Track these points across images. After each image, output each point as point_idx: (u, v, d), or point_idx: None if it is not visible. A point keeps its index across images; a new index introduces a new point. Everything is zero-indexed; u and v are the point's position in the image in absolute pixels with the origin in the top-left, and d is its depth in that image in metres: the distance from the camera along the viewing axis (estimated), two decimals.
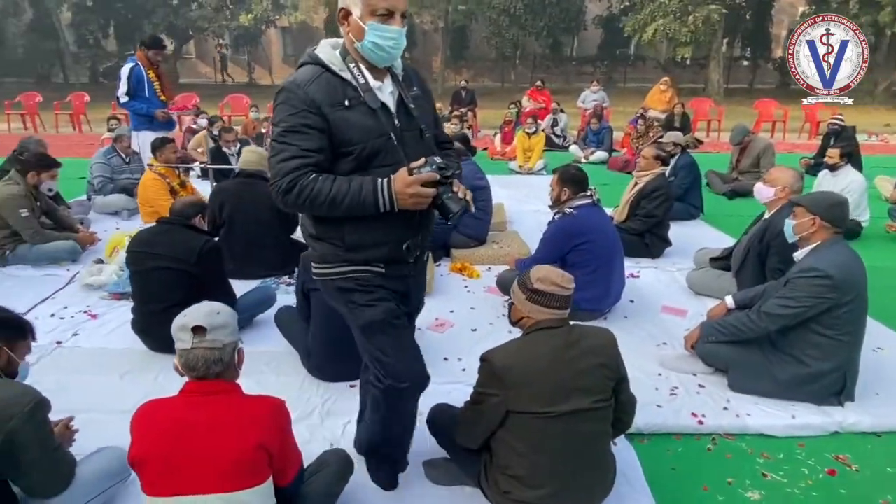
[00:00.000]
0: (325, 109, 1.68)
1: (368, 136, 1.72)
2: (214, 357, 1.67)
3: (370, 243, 1.79)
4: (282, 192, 1.70)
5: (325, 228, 1.82)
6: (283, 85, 1.73)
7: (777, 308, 2.70)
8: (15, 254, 4.40)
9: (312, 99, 1.68)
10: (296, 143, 1.68)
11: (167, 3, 23.21)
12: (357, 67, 1.74)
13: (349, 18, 1.72)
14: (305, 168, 1.68)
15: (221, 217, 4.21)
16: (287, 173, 1.68)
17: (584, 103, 11.95)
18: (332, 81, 1.72)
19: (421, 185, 1.67)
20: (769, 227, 3.42)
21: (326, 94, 1.69)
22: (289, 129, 1.69)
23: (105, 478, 2.04)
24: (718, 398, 2.82)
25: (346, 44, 1.77)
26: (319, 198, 1.68)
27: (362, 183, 1.69)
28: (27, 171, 4.47)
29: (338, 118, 1.70)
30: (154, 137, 5.54)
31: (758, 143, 7.19)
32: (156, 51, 5.71)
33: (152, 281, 3.09)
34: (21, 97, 13.09)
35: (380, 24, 1.68)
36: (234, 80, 26.22)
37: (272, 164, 1.73)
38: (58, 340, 3.36)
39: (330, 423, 2.63)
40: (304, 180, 1.67)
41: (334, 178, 1.70)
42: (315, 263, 1.90)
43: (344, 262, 1.82)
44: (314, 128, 1.69)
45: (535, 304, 1.97)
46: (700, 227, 5.79)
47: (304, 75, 1.73)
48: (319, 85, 1.70)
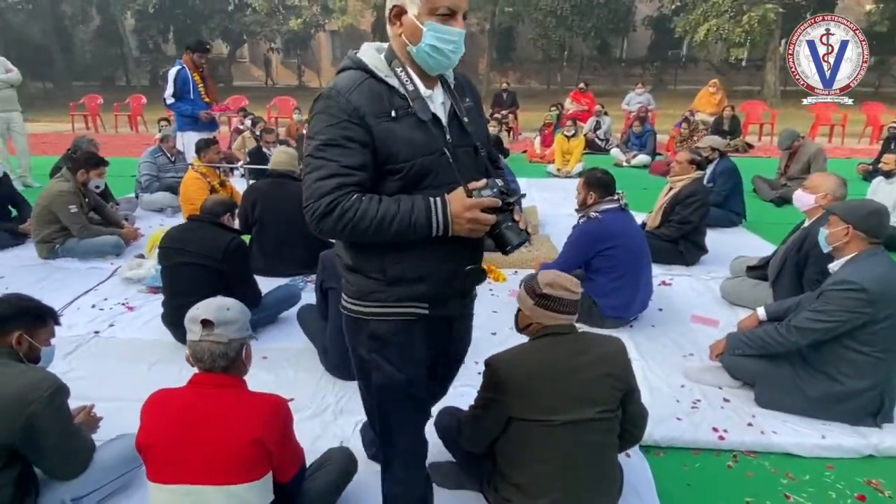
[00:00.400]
0: (369, 120, 1.46)
1: (418, 153, 1.49)
2: (220, 351, 1.71)
3: (414, 277, 1.55)
4: (319, 217, 1.45)
5: (364, 258, 1.57)
6: (322, 92, 1.50)
7: (808, 322, 2.56)
8: (64, 247, 4.64)
9: (355, 108, 1.45)
10: (335, 158, 1.45)
11: (223, 9, 24.07)
12: (405, 73, 1.53)
13: (402, 17, 1.50)
14: (347, 188, 1.45)
15: (253, 216, 4.32)
16: (326, 194, 1.44)
17: (628, 105, 11.70)
18: (376, 88, 1.50)
19: (481, 210, 1.46)
20: (808, 235, 3.26)
21: (371, 103, 1.47)
22: (328, 142, 1.46)
23: (122, 463, 2.13)
24: (743, 413, 2.70)
25: (394, 46, 1.55)
26: (363, 222, 1.44)
27: (413, 203, 1.46)
28: (77, 168, 4.71)
29: (383, 130, 1.47)
30: (197, 138, 5.75)
31: (808, 147, 6.86)
32: (200, 53, 5.92)
33: (181, 276, 3.20)
34: (84, 99, 13.83)
35: (440, 24, 1.46)
36: (274, 83, 26.97)
37: (307, 183, 1.48)
38: (96, 330, 3.53)
39: (342, 420, 2.66)
40: (346, 202, 1.43)
41: (379, 198, 1.47)
42: (348, 299, 1.65)
43: (383, 300, 1.58)
44: (356, 141, 1.45)
45: (544, 309, 1.93)
46: (741, 234, 5.57)
47: (345, 81, 1.50)
48: (362, 92, 1.48)
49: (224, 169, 5.83)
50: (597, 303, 3.44)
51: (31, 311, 1.97)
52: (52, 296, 3.98)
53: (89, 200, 4.87)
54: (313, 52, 27.67)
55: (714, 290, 4.12)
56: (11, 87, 6.88)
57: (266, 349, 3.24)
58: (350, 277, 1.63)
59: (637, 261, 3.47)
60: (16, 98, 7.01)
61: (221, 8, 24.07)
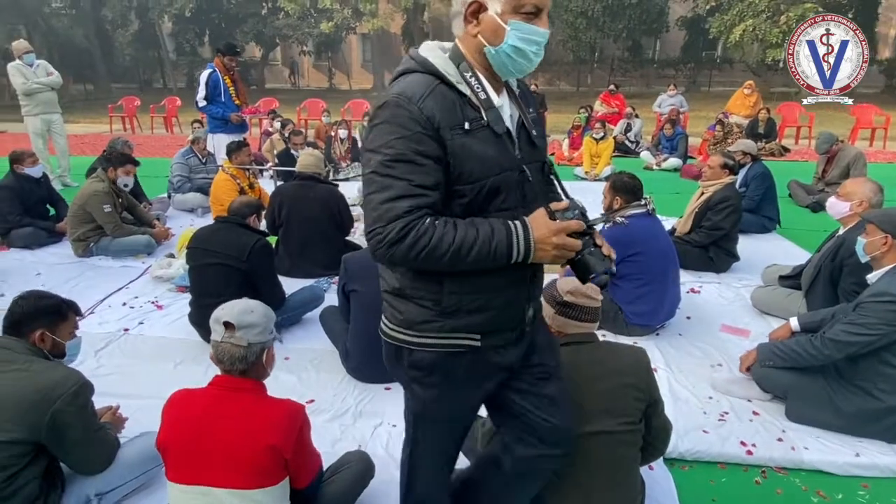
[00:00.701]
0: (443, 133, 1.29)
1: (490, 171, 1.33)
2: (239, 354, 1.73)
3: (472, 307, 1.40)
4: (388, 244, 1.27)
5: (419, 284, 1.40)
6: (388, 99, 1.31)
7: (844, 335, 2.46)
8: (98, 245, 4.77)
9: (428, 118, 1.28)
10: (406, 176, 1.27)
11: (256, 12, 24.52)
12: (475, 78, 1.36)
13: (481, 15, 1.34)
14: (419, 210, 1.27)
15: (280, 217, 4.37)
16: (396, 217, 1.26)
17: (660, 107, 11.50)
18: (449, 96, 1.33)
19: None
20: (843, 244, 3.14)
21: (445, 113, 1.30)
22: (397, 157, 1.27)
23: (145, 460, 2.17)
24: (773, 427, 2.61)
25: (464, 47, 1.39)
26: (439, 250, 1.27)
27: (493, 228, 1.30)
28: (107, 167, 4.85)
29: (457, 145, 1.30)
30: (228, 140, 5.84)
31: (847, 151, 6.63)
32: (230, 57, 6.02)
33: (207, 276, 3.24)
34: (122, 101, 14.23)
35: (525, 22, 1.32)
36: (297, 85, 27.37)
37: (371, 205, 1.30)
38: (125, 328, 3.61)
39: (361, 423, 2.66)
40: (420, 227, 1.26)
41: (454, 222, 1.30)
42: (393, 326, 1.48)
43: (433, 331, 1.42)
44: (430, 156, 1.28)
45: (566, 317, 1.90)
46: (775, 241, 5.40)
47: (415, 87, 1.31)
48: (436, 100, 1.30)
49: (253, 171, 5.91)
50: (622, 310, 3.38)
51: (51, 309, 2.00)
52: (86, 293, 4.11)
53: (123, 200, 4.99)
54: (343, 55, 27.98)
55: (745, 299, 4.00)
56: (52, 90, 7.11)
57: (289, 350, 3.27)
58: (397, 304, 1.46)
59: (664, 267, 3.40)
60: (56, 100, 7.24)
61: (255, 12, 24.52)
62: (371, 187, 1.31)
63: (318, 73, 28.91)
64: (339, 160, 8.15)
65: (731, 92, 12.46)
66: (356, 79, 28.47)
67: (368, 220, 1.32)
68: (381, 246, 1.29)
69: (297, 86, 27.68)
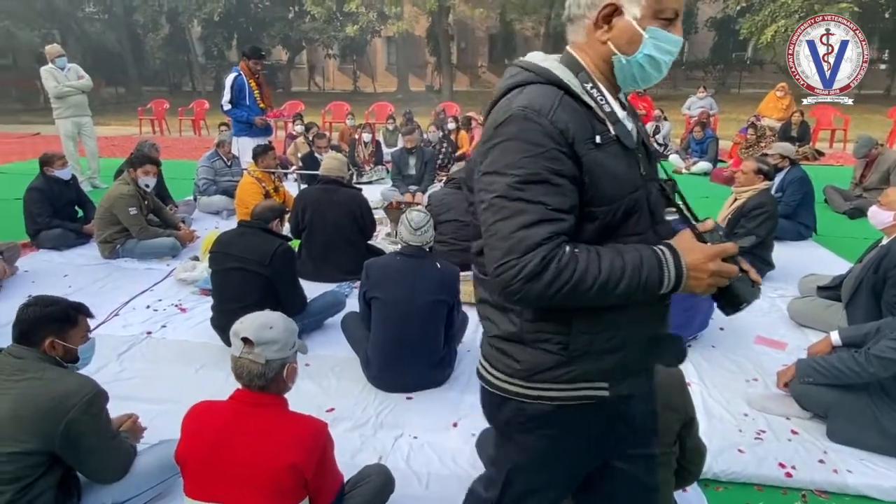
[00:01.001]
0: (578, 148, 1.15)
1: (624, 190, 1.19)
2: (257, 371, 1.68)
3: (605, 347, 1.22)
4: (525, 279, 1.09)
5: (543, 326, 1.22)
6: (512, 113, 1.15)
7: (891, 352, 2.33)
8: (124, 247, 4.81)
9: (562, 131, 1.13)
10: (540, 198, 1.11)
11: (283, 16, 24.79)
12: (597, 90, 1.22)
13: (614, 19, 1.21)
14: (558, 238, 1.11)
15: (303, 221, 4.35)
16: (535, 246, 1.09)
17: (689, 110, 11.27)
18: (576, 108, 1.18)
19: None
20: (887, 255, 2.99)
21: (577, 126, 1.15)
22: (529, 178, 1.11)
23: (162, 470, 2.13)
24: (813, 448, 2.48)
25: (586, 55, 1.25)
26: (584, 283, 1.10)
27: (640, 255, 1.13)
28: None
29: (592, 161, 1.16)
30: (252, 143, 5.87)
31: (888, 156, 6.39)
32: (255, 60, 6.05)
33: (230, 281, 3.22)
34: (152, 104, 14.48)
35: (662, 30, 1.20)
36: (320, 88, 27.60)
37: (500, 233, 1.12)
38: (148, 331, 3.61)
39: (382, 434, 2.60)
40: (562, 257, 1.09)
41: (596, 249, 1.13)
42: (503, 377, 1.29)
43: (554, 380, 1.23)
44: (566, 176, 1.13)
45: None
46: (811, 248, 5.21)
47: (542, 98, 1.16)
48: (566, 112, 1.15)
49: (278, 174, 5.92)
50: None
51: (58, 315, 1.94)
52: (111, 295, 4.14)
53: (149, 203, 5.03)
54: (368, 58, 28.13)
55: (781, 310, 3.85)
56: (83, 94, 7.23)
57: (309, 356, 3.21)
58: (513, 352, 1.26)
59: None
60: (87, 103, 7.37)
61: (282, 15, 24.79)
62: (497, 215, 1.13)
63: (343, 76, 29.12)
64: (363, 163, 8.14)
65: (762, 94, 12.16)
66: (381, 81, 28.59)
67: (497, 252, 1.12)
68: (515, 282, 1.10)
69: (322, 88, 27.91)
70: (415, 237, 2.92)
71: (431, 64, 26.90)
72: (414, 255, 2.92)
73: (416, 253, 2.93)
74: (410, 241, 2.93)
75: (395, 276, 2.87)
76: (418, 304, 2.80)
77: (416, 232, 2.91)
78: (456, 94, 22.56)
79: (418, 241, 2.93)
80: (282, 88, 25.53)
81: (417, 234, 2.91)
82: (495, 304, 1.29)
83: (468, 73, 28.73)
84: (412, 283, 2.83)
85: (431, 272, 2.88)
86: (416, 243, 2.93)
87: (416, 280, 2.84)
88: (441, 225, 3.63)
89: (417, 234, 2.91)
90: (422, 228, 2.92)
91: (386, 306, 2.84)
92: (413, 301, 2.80)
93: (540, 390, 1.25)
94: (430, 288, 2.84)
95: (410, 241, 2.93)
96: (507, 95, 1.21)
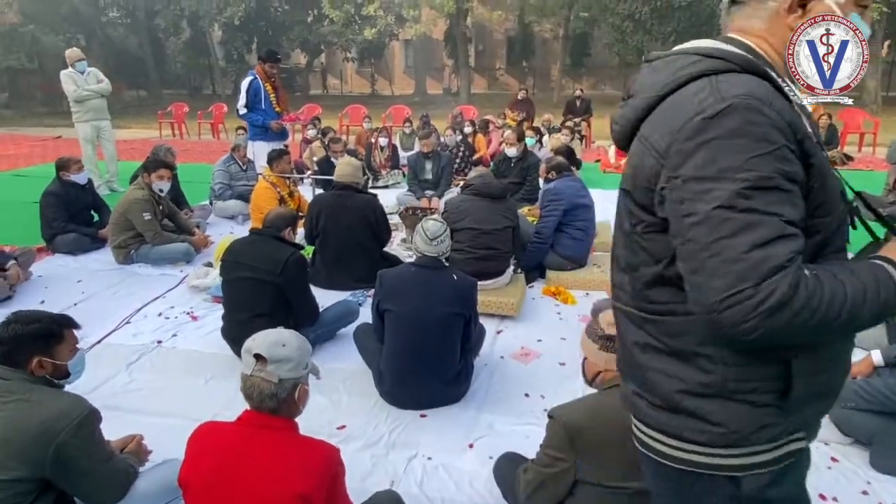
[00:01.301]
0: (808, 146, 0.96)
1: (838, 198, 1.03)
2: (269, 391, 1.59)
3: (820, 390, 1.04)
4: (769, 310, 0.86)
5: (751, 369, 0.99)
6: (732, 102, 0.93)
7: None
8: (139, 252, 4.77)
9: (789, 124, 0.94)
10: (773, 209, 0.90)
11: (303, 20, 24.94)
12: (784, 80, 1.06)
13: (810, 4, 1.08)
14: (798, 259, 0.90)
15: (317, 227, 4.27)
16: (776, 270, 0.87)
17: None
18: (784, 101, 0.99)
19: None
20: None
21: (797, 120, 0.98)
22: (759, 183, 0.90)
23: (165, 492, 2.05)
24: (855, 478, 2.32)
25: (771, 44, 1.10)
26: (832, 310, 0.89)
27: (873, 271, 0.95)
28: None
29: (821, 163, 0.98)
30: (267, 147, 5.81)
31: None
32: (271, 63, 5.99)
33: (241, 290, 3.14)
34: (172, 107, 14.60)
35: (862, 18, 1.08)
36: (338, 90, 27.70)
37: (721, 255, 0.90)
38: (159, 340, 3.55)
39: (394, 455, 2.48)
40: (808, 283, 0.88)
41: (830, 270, 0.93)
42: (696, 448, 1.04)
43: (766, 439, 1.01)
44: (797, 181, 0.93)
45: (611, 352, 1.70)
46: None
47: (757, 87, 0.96)
48: (783, 104, 0.97)
49: (293, 179, 5.86)
50: None
51: (43, 333, 1.84)
52: (124, 301, 4.09)
53: (163, 208, 4.99)
54: (386, 61, 28.16)
55: None
56: (102, 97, 7.26)
57: (321, 369, 3.12)
58: (705, 408, 1.02)
59: None
60: (105, 107, 7.39)
61: (301, 19, 24.94)
62: (717, 231, 0.90)
63: (360, 79, 29.19)
64: (379, 168, 8.06)
65: None
66: (398, 84, 28.61)
67: (722, 280, 0.89)
68: (754, 316, 0.87)
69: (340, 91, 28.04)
70: (430, 247, 2.80)
71: (449, 67, 26.85)
72: (429, 267, 2.80)
73: (432, 264, 2.81)
74: (426, 252, 2.81)
75: (410, 288, 2.76)
76: (433, 316, 2.69)
77: (431, 242, 2.80)
78: (473, 96, 22.46)
79: (434, 251, 2.81)
80: (300, 92, 25.64)
81: (433, 244, 2.80)
82: (672, 351, 1.05)
83: (486, 76, 28.62)
84: (427, 294, 2.72)
85: (447, 283, 2.77)
86: (432, 254, 2.81)
87: (431, 291, 2.73)
88: (457, 233, 3.52)
89: (433, 244, 2.80)
90: (438, 238, 2.81)
91: (399, 318, 2.73)
92: (428, 313, 2.68)
93: (752, 455, 1.01)
94: (446, 300, 2.72)
95: (426, 252, 2.81)
96: (687, 86, 1.00)
